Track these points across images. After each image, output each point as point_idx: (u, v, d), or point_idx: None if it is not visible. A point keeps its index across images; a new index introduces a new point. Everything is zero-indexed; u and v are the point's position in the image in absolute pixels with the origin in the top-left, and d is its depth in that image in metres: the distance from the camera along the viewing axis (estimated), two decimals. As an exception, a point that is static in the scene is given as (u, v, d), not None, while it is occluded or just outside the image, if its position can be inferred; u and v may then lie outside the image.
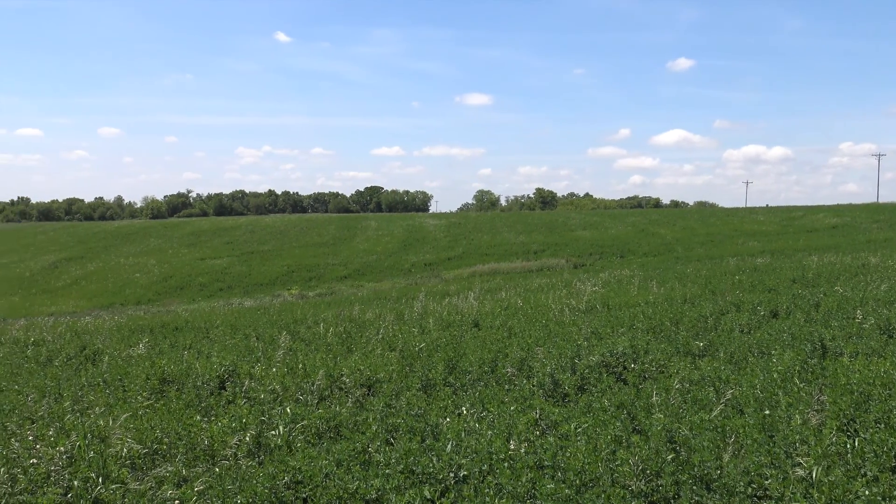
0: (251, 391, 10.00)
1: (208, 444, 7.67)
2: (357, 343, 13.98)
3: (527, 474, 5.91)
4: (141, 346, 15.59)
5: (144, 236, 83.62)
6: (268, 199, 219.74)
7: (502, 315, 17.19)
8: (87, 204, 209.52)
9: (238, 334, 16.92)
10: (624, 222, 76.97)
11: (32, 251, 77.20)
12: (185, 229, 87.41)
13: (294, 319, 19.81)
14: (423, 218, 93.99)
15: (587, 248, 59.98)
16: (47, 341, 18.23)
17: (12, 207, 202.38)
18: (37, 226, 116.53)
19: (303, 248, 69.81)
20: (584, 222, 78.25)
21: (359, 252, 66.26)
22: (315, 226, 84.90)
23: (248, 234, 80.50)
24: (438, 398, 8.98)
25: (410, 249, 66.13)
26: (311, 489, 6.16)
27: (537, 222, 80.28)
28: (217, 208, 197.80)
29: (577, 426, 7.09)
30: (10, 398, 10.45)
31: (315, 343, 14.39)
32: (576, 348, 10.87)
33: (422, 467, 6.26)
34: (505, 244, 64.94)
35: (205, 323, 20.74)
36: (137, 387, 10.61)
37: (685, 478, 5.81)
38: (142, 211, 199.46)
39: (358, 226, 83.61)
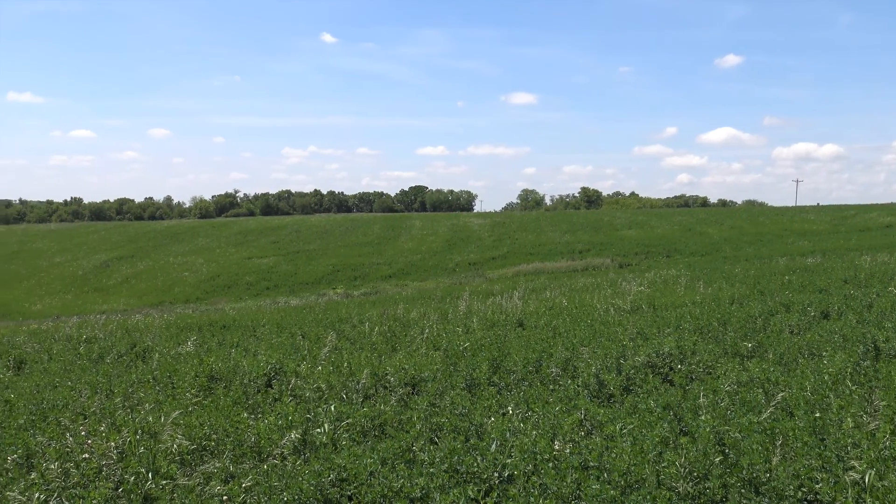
0: (297, 389, 10.09)
1: (255, 441, 7.76)
2: (401, 342, 14.02)
3: (572, 475, 5.88)
4: (189, 343, 15.82)
5: (193, 236, 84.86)
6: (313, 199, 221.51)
7: (547, 315, 17.12)
8: (138, 204, 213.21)
9: (284, 333, 17.08)
10: (670, 221, 76.12)
11: (85, 250, 78.80)
12: (233, 229, 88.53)
13: (339, 318, 19.94)
14: (468, 217, 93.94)
15: (633, 247, 59.44)
16: (99, 339, 18.60)
17: (66, 207, 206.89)
18: (89, 225, 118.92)
19: (348, 248, 70.25)
20: (630, 221, 77.55)
21: (403, 251, 66.47)
22: (360, 225, 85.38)
23: (293, 233, 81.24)
24: (483, 397, 8.97)
25: (454, 249, 66.16)
26: (356, 487, 6.19)
27: (582, 221, 79.77)
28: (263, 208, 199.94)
29: (622, 427, 7.03)
30: (63, 394, 10.68)
31: (360, 342, 14.47)
32: (621, 348, 10.78)
33: (466, 466, 6.26)
34: (549, 244, 64.64)
35: (252, 321, 20.98)
36: (186, 384, 10.77)
37: (733, 481, 5.72)
38: (190, 211, 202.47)
39: (402, 225, 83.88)
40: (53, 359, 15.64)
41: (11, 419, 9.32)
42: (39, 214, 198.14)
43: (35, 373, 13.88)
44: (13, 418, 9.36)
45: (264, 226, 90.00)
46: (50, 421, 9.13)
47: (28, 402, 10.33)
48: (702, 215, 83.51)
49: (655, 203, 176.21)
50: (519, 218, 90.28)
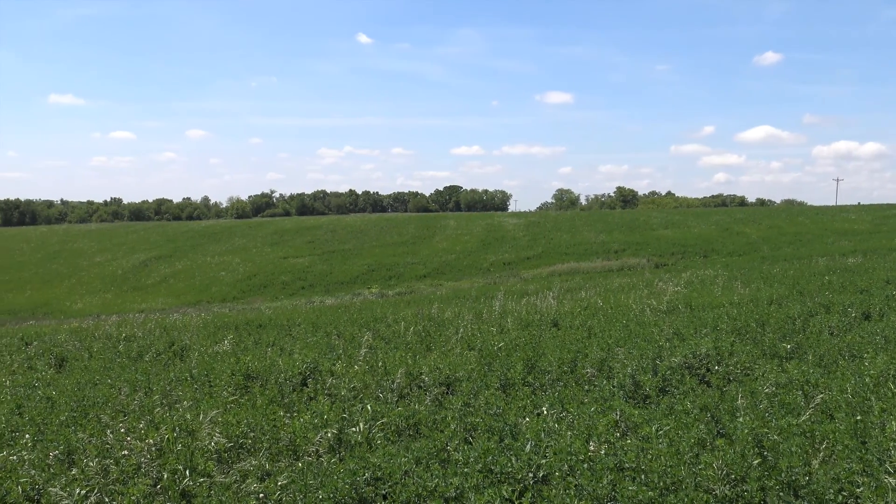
0: (332, 388, 10.14)
1: (291, 439, 7.81)
2: (436, 342, 14.04)
3: (607, 476, 5.84)
4: (226, 342, 15.98)
5: (229, 235, 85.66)
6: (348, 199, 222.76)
7: (582, 315, 17.03)
8: (176, 204, 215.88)
9: (319, 332, 17.18)
10: (707, 221, 75.29)
11: (124, 250, 79.92)
12: (269, 229, 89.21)
13: (374, 318, 20.01)
14: (502, 217, 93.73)
15: (669, 247, 58.88)
16: (138, 337, 18.86)
17: (105, 208, 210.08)
18: (128, 225, 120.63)
19: (382, 248, 70.45)
20: (666, 221, 76.85)
21: (438, 251, 66.52)
22: (395, 225, 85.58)
23: (329, 233, 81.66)
24: (517, 398, 8.94)
25: (489, 249, 66.05)
26: (390, 486, 6.21)
27: (618, 221, 79.22)
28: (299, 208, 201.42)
29: (658, 428, 6.97)
30: (103, 391, 10.84)
31: (395, 341, 14.51)
32: (657, 349, 10.70)
33: (500, 467, 6.24)
34: (584, 243, 64.27)
35: (287, 321, 21.14)
36: (223, 382, 10.87)
37: (772, 483, 5.65)
38: (227, 211, 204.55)
39: (437, 225, 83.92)
40: (94, 357, 15.88)
41: (53, 416, 9.47)
42: (80, 215, 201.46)
43: (76, 370, 14.11)
44: (55, 415, 9.51)
45: (300, 226, 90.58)
46: (90, 418, 9.28)
47: (69, 399, 10.50)
48: (739, 215, 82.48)
49: (692, 202, 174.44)
50: (554, 217, 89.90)
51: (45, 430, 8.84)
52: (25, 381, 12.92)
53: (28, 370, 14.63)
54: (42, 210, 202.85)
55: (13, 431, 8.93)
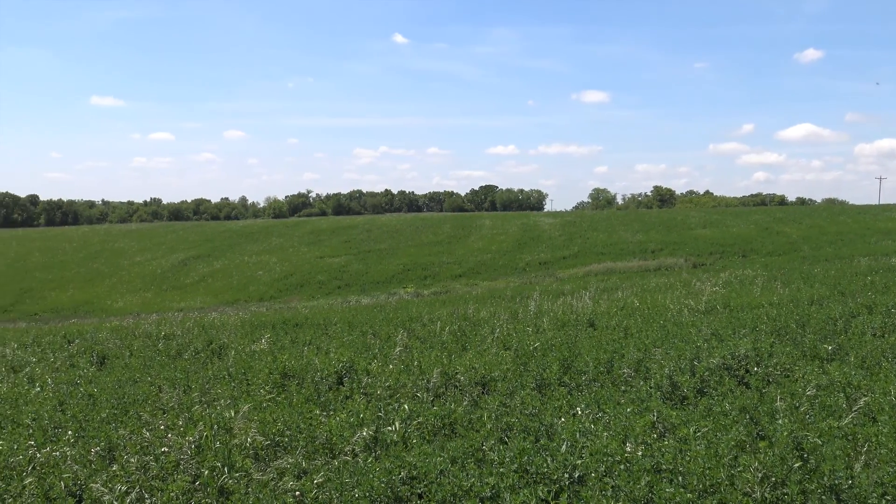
0: (368, 387, 10.18)
1: (327, 437, 7.85)
2: (472, 341, 14.03)
3: (644, 477, 5.79)
4: (263, 341, 16.11)
5: (267, 235, 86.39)
6: (384, 199, 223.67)
7: (618, 315, 16.91)
8: (214, 204, 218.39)
9: (355, 331, 17.25)
10: (746, 220, 74.38)
11: (163, 250, 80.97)
12: (305, 228, 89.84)
13: (409, 317, 20.06)
14: (538, 217, 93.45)
15: (707, 247, 58.27)
16: (177, 335, 19.09)
17: (145, 208, 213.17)
18: (167, 225, 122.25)
19: (418, 247, 70.60)
20: (704, 220, 76.04)
21: (473, 251, 66.49)
22: (430, 225, 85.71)
23: (365, 233, 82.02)
24: (553, 398, 8.91)
25: (525, 248, 65.89)
26: (426, 485, 6.22)
27: (655, 220, 78.59)
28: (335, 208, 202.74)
29: (696, 430, 6.90)
30: (143, 389, 11.00)
31: (430, 341, 14.52)
32: (695, 350, 10.59)
33: (536, 467, 6.22)
34: (621, 243, 63.84)
35: (323, 320, 21.26)
36: (260, 381, 10.97)
37: (813, 487, 5.57)
38: (264, 210, 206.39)
39: (472, 225, 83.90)
40: (134, 355, 16.10)
41: (95, 413, 9.62)
42: (121, 215, 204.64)
43: (117, 368, 14.32)
44: (96, 412, 9.66)
45: (336, 225, 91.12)
46: (131, 415, 9.41)
47: (110, 396, 10.66)
48: (779, 214, 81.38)
49: (731, 202, 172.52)
50: (590, 217, 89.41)
51: (87, 426, 8.98)
52: (68, 378, 13.14)
53: (70, 368, 14.87)
54: (84, 210, 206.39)
55: (56, 428, 9.09)
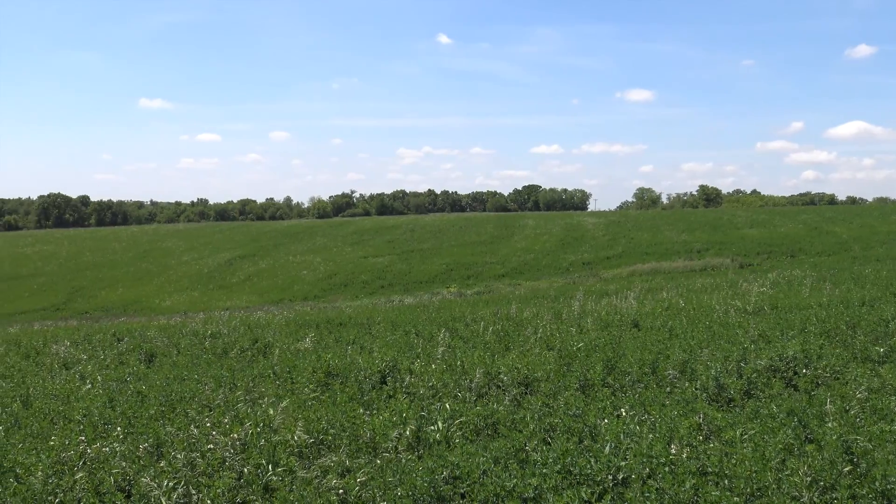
0: (411, 386, 10.21)
1: (370, 436, 7.89)
2: (514, 341, 14.00)
3: (690, 480, 5.73)
4: (307, 340, 16.24)
5: (311, 235, 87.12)
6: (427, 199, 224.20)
7: (663, 315, 16.75)
8: (259, 204, 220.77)
9: (398, 331, 17.31)
10: (795, 220, 73.14)
11: (210, 249, 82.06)
12: (349, 228, 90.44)
13: (452, 317, 20.07)
14: (582, 216, 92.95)
15: (754, 247, 57.40)
16: (223, 334, 19.33)
17: (192, 208, 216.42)
18: (214, 225, 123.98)
19: (461, 247, 70.62)
20: (751, 220, 74.93)
21: (516, 251, 66.33)
22: (473, 225, 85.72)
23: (408, 232, 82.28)
24: (597, 399, 8.85)
25: (568, 248, 65.55)
26: (468, 485, 6.22)
27: (700, 220, 77.65)
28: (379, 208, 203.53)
29: (743, 432, 6.80)
30: (190, 387, 11.16)
31: (473, 340, 14.52)
32: (742, 351, 10.45)
33: (579, 468, 6.19)
34: (666, 243, 63.19)
35: (367, 319, 21.36)
36: (304, 379, 11.06)
37: (864, 492, 5.45)
38: (309, 211, 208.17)
39: (515, 224, 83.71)
40: (181, 353, 16.35)
41: (143, 409, 9.79)
42: (168, 215, 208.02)
43: (164, 366, 14.55)
44: (145, 409, 9.83)
45: (379, 225, 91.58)
46: (178, 412, 9.56)
47: (158, 393, 10.83)
48: (829, 213, 79.90)
49: (779, 201, 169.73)
50: (634, 217, 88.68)
51: (136, 423, 9.14)
52: (117, 375, 13.39)
53: (119, 365, 15.15)
54: (133, 211, 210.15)
55: (106, 424, 9.26)
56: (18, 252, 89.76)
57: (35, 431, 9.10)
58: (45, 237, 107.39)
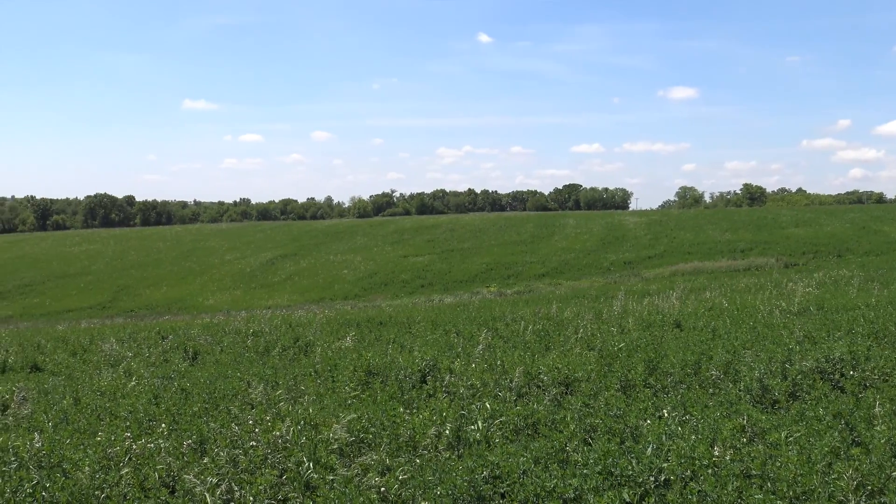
0: (451, 386, 10.22)
1: (410, 435, 7.91)
2: (555, 341, 13.94)
3: (733, 483, 5.66)
4: (348, 339, 16.35)
5: (351, 234, 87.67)
6: (467, 198, 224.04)
7: (706, 316, 16.56)
8: (300, 204, 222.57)
9: (438, 330, 17.35)
10: (842, 219, 71.82)
11: (252, 248, 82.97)
12: (389, 228, 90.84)
13: (492, 316, 20.06)
14: (623, 216, 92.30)
15: (799, 246, 56.51)
16: (265, 332, 19.54)
17: (235, 208, 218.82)
18: (256, 225, 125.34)
19: (501, 246, 70.54)
20: (797, 219, 73.77)
21: (557, 250, 66.09)
22: (513, 224, 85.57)
23: (448, 232, 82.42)
24: (638, 399, 8.78)
25: (609, 248, 65.15)
26: (508, 485, 6.21)
27: (744, 219, 76.66)
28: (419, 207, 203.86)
29: (788, 435, 6.70)
30: (233, 384, 11.29)
31: (513, 340, 14.49)
32: (787, 352, 10.28)
33: (621, 469, 6.14)
34: (709, 242, 62.49)
35: (407, 318, 21.44)
36: (345, 378, 11.13)
37: (913, 496, 5.34)
38: (349, 210, 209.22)
39: (556, 224, 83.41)
40: (224, 351, 16.56)
41: (187, 406, 9.92)
42: (212, 215, 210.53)
43: (208, 363, 14.75)
44: (189, 406, 9.96)
45: (419, 225, 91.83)
46: (221, 409, 9.68)
47: (201, 390, 10.97)
48: (877, 212, 78.34)
49: (825, 200, 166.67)
50: (677, 216, 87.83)
51: (180, 419, 9.27)
52: (162, 372, 13.60)
53: (164, 363, 15.39)
54: (177, 210, 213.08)
55: (150, 420, 9.41)
56: (66, 251, 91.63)
57: (82, 427, 9.26)
58: (91, 237, 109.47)
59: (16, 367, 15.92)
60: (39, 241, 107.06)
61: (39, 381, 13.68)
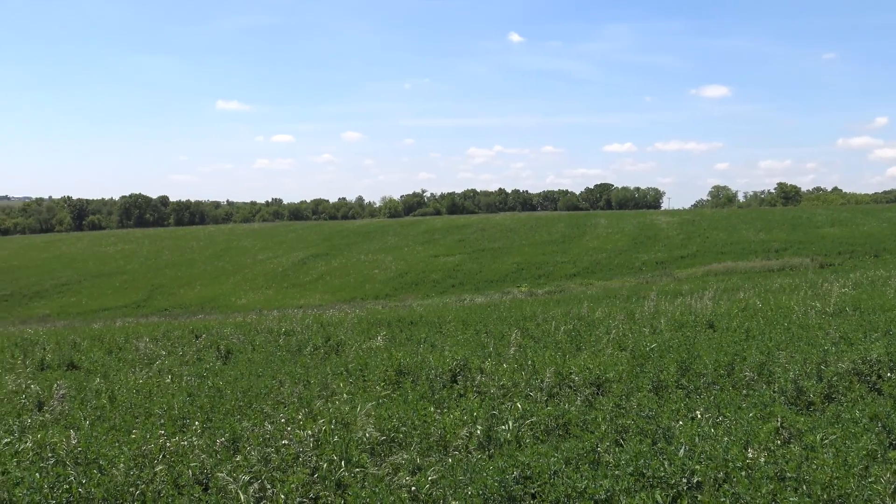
0: (482, 385, 10.21)
1: (441, 435, 7.92)
2: (586, 341, 13.88)
3: (767, 485, 5.59)
4: (379, 338, 16.40)
5: (382, 234, 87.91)
6: (498, 198, 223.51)
7: (739, 316, 16.39)
8: (332, 204, 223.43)
9: (469, 330, 17.34)
10: (879, 218, 70.64)
11: (284, 248, 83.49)
12: (420, 227, 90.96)
13: (523, 316, 20.01)
14: (655, 215, 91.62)
15: (835, 246, 55.69)
16: (297, 332, 19.66)
17: (267, 208, 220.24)
18: (288, 225, 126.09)
19: (532, 246, 70.35)
20: (832, 218, 72.72)
21: (588, 250, 65.78)
22: (544, 224, 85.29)
23: (478, 232, 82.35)
24: (670, 400, 8.71)
25: (641, 247, 64.69)
26: (539, 485, 6.19)
27: (779, 219, 75.71)
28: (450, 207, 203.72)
29: (823, 437, 6.62)
30: (265, 383, 11.37)
31: (544, 340, 14.45)
32: (822, 354, 10.15)
33: (653, 470, 6.10)
34: (742, 242, 61.82)
35: (438, 318, 21.45)
36: (376, 377, 11.17)
37: (952, 501, 5.24)
38: (380, 210, 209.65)
39: (587, 223, 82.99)
40: (256, 350, 16.69)
41: (220, 405, 10.02)
42: (244, 215, 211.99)
43: (240, 362, 14.87)
44: (222, 404, 10.06)
45: (450, 224, 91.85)
46: (254, 408, 9.75)
47: (234, 389, 11.07)
48: (915, 211, 76.98)
49: (861, 199, 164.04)
50: (710, 215, 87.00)
51: (213, 418, 9.36)
52: (196, 371, 13.74)
53: (197, 361, 15.54)
54: (210, 210, 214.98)
55: (184, 418, 9.51)
56: (102, 251, 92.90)
57: (118, 425, 9.38)
58: (126, 236, 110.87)
59: (53, 365, 16.16)
60: (76, 240, 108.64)
61: (76, 378, 13.87)
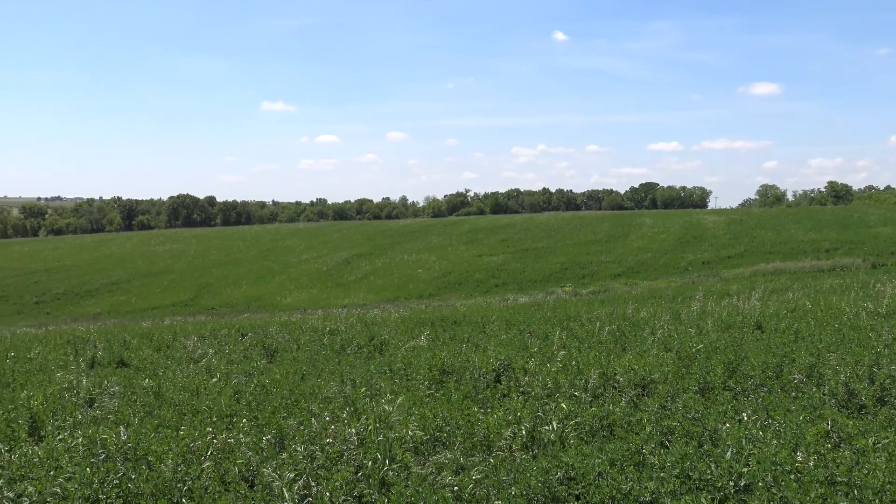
0: (526, 386, 10.19)
1: (484, 434, 7.92)
2: (631, 342, 13.77)
3: (816, 489, 5.50)
4: (423, 338, 16.44)
5: (426, 234, 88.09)
6: (542, 198, 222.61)
7: (788, 317, 16.12)
8: (376, 204, 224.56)
9: (513, 330, 17.30)
10: (933, 217, 68.97)
11: (329, 248, 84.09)
12: (464, 227, 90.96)
13: (567, 316, 19.91)
14: (701, 214, 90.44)
15: (888, 246, 54.46)
16: (341, 331, 19.78)
17: (312, 208, 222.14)
18: (332, 224, 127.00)
19: (576, 246, 69.93)
20: (885, 218, 71.10)
21: (633, 250, 65.18)
22: (588, 223, 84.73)
23: (522, 231, 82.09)
24: (717, 402, 8.61)
25: (687, 247, 63.91)
26: (583, 487, 6.16)
27: (829, 218, 74.26)
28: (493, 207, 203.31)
29: (875, 441, 6.48)
30: (310, 382, 11.47)
31: (588, 341, 14.36)
32: (874, 356, 9.94)
33: (699, 473, 6.04)
34: (791, 242, 60.74)
35: (481, 318, 21.43)
36: (420, 376, 11.20)
37: None
38: (424, 210, 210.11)
39: (632, 223, 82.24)
40: (301, 348, 16.83)
41: (267, 403, 10.14)
42: (289, 214, 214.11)
43: (285, 361, 15.01)
44: (268, 402, 10.18)
45: (494, 224, 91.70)
46: (300, 406, 9.85)
47: (280, 387, 11.19)
48: (972, 210, 74.97)
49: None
50: (757, 215, 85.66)
51: (259, 415, 9.47)
52: (242, 369, 13.91)
53: (244, 359, 15.72)
54: (256, 210, 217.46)
55: (231, 416, 9.64)
56: (151, 250, 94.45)
57: (166, 421, 9.54)
58: (174, 236, 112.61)
59: (104, 363, 16.47)
60: (125, 240, 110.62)
61: (126, 375, 14.13)
